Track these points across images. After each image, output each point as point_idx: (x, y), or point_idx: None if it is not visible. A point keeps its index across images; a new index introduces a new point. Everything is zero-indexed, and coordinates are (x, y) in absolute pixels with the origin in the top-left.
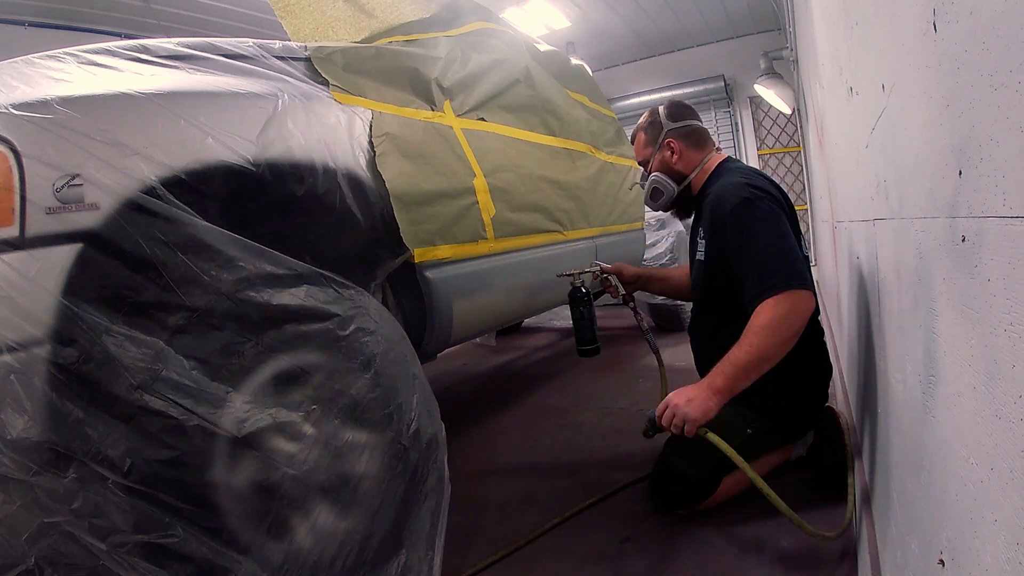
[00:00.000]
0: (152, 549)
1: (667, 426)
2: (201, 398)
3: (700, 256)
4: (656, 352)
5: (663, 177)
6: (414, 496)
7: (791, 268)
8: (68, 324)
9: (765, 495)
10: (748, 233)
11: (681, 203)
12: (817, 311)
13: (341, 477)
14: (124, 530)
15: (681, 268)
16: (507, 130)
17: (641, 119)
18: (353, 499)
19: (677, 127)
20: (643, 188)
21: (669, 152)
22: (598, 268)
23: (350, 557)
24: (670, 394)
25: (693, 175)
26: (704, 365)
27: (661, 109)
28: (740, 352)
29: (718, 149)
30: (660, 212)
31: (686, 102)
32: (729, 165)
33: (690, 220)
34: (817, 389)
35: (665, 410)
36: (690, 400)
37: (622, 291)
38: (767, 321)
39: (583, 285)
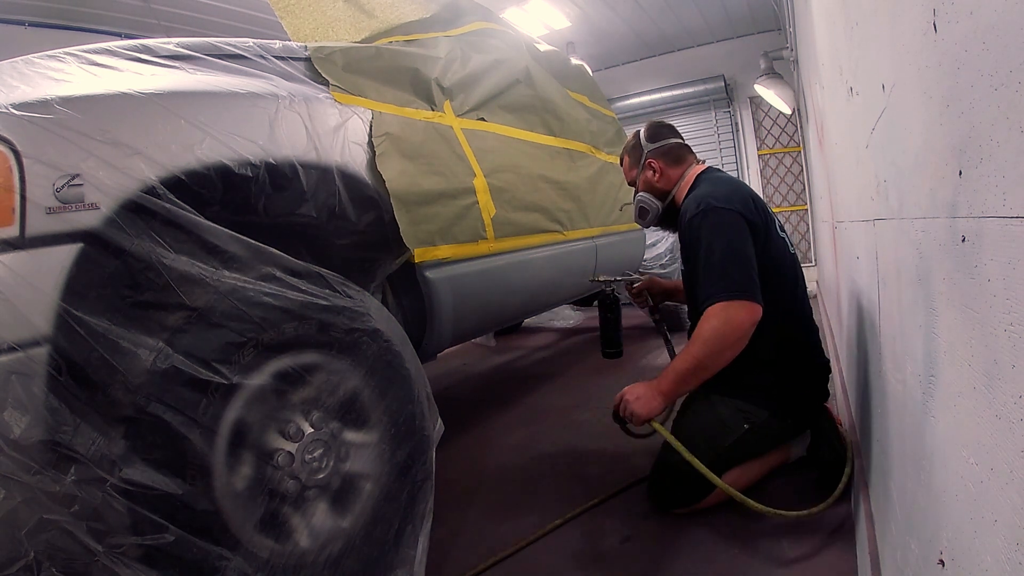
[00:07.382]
0: (147, 550)
1: (621, 414)
2: (199, 399)
3: (680, 265)
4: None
5: (647, 196)
6: (404, 494)
7: (730, 279)
8: (68, 324)
9: (730, 495)
10: (700, 242)
11: (667, 218)
12: (793, 301)
13: (335, 476)
14: (120, 532)
15: None
16: (507, 130)
17: (626, 142)
18: (346, 498)
19: (656, 147)
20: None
21: (651, 172)
22: (632, 277)
23: (335, 551)
24: (626, 387)
25: (674, 190)
26: None
27: (641, 131)
28: (682, 360)
29: (700, 161)
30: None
31: (665, 121)
32: (707, 176)
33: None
34: (814, 382)
35: (621, 400)
36: (638, 398)
37: (650, 303)
38: (705, 331)
39: (615, 292)
